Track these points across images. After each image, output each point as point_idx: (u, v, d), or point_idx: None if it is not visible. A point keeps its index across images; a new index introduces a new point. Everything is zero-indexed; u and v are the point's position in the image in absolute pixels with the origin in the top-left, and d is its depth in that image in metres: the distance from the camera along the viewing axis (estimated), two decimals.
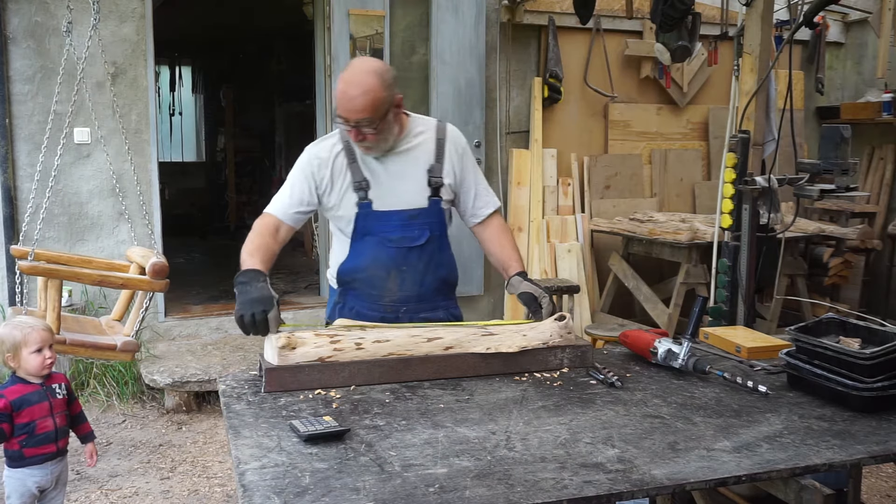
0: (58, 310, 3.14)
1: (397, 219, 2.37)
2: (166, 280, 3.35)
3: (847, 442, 1.73)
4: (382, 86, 2.23)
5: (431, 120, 2.51)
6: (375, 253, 2.39)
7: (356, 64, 2.30)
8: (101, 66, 4.60)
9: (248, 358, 4.81)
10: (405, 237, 2.38)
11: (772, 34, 3.91)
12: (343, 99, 2.22)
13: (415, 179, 2.40)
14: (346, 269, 2.44)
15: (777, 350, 2.25)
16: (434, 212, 2.42)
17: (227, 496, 3.60)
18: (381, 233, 2.38)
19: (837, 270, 5.65)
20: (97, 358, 3.75)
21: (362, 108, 2.20)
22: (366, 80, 2.21)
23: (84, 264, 3.57)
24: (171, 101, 11.92)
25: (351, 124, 2.24)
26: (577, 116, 6.11)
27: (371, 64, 2.28)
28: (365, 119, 2.21)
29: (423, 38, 5.60)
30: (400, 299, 2.41)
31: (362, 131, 2.25)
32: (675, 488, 1.53)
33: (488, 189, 2.56)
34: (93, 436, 2.92)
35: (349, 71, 2.26)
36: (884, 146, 6.49)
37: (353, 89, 2.20)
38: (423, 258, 2.41)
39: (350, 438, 1.71)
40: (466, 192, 2.49)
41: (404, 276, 2.40)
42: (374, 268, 2.39)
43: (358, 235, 2.40)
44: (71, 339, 3.15)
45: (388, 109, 2.26)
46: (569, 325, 2.24)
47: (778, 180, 3.45)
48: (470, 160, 2.50)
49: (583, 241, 5.89)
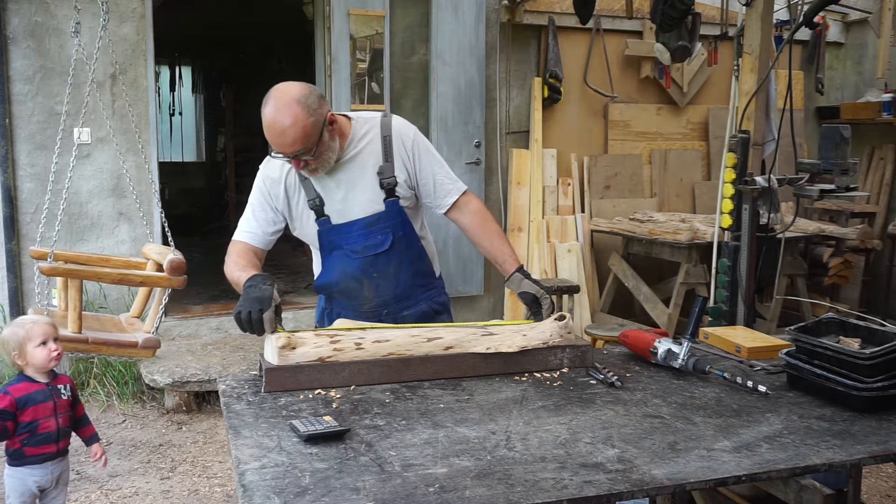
0: (79, 309, 3.15)
1: (357, 228, 2.35)
2: (184, 276, 3.35)
3: (847, 442, 1.73)
4: (308, 112, 2.15)
5: (375, 116, 2.41)
6: (343, 266, 2.38)
7: (276, 96, 2.19)
8: (101, 66, 4.60)
9: (248, 358, 4.80)
10: (368, 245, 2.36)
11: (772, 34, 3.92)
12: (273, 134, 2.16)
13: (366, 185, 2.35)
14: (321, 284, 2.46)
15: (777, 350, 2.25)
16: (393, 213, 2.37)
17: (227, 496, 3.60)
18: (345, 245, 2.36)
19: (837, 270, 5.65)
20: (119, 355, 3.77)
21: (293, 141, 2.15)
22: (290, 112, 2.14)
23: (102, 263, 3.58)
24: (171, 101, 11.93)
25: (289, 156, 2.20)
26: (577, 116, 6.11)
27: (291, 92, 2.18)
28: (301, 149, 2.17)
29: (423, 38, 5.61)
30: (378, 304, 2.41)
31: (301, 160, 2.21)
32: (675, 488, 1.53)
33: (450, 175, 2.45)
34: (97, 437, 2.93)
35: (270, 105, 2.17)
36: (884, 146, 6.49)
37: (279, 124, 2.14)
38: (392, 261, 2.39)
39: (350, 438, 1.71)
40: (425, 185, 2.41)
41: (377, 282, 2.39)
42: (346, 280, 2.39)
43: (325, 250, 2.40)
44: (93, 337, 3.16)
45: (321, 131, 2.20)
46: (569, 325, 2.24)
47: (778, 180, 3.45)
48: (422, 149, 2.41)
49: (583, 241, 5.89)
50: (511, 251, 2.44)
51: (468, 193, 2.47)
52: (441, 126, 5.56)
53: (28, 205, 4.82)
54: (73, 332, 3.11)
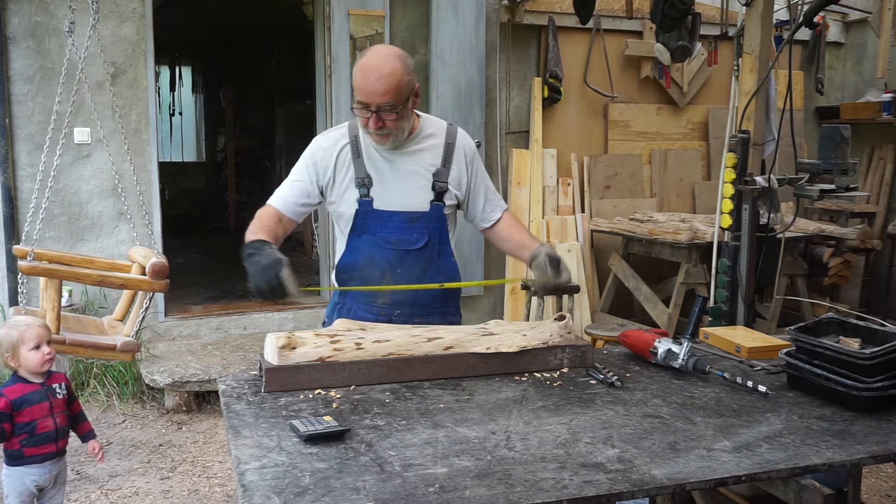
0: (57, 310, 3.14)
1: (397, 220, 2.34)
2: (166, 280, 3.34)
3: (847, 442, 1.73)
4: (405, 69, 2.18)
5: (442, 123, 2.46)
6: (371, 252, 2.35)
7: (376, 49, 2.25)
8: (101, 66, 4.60)
9: (248, 358, 4.80)
10: (402, 239, 2.34)
11: (772, 34, 3.92)
12: (365, 82, 2.15)
13: (419, 181, 2.35)
14: (343, 265, 2.41)
15: (777, 350, 2.24)
16: (436, 217, 2.37)
17: (227, 496, 3.60)
18: (378, 232, 2.34)
19: (837, 270, 5.65)
20: (97, 358, 3.75)
21: (386, 91, 2.14)
22: (389, 63, 2.16)
23: (86, 264, 3.57)
24: (171, 101, 11.94)
25: (372, 109, 2.17)
26: (577, 116, 6.11)
27: (392, 49, 2.24)
28: (388, 103, 2.16)
29: (423, 38, 5.60)
30: (393, 302, 2.37)
31: (382, 117, 2.19)
32: (675, 488, 1.53)
33: (496, 192, 2.54)
34: (94, 434, 2.92)
35: (370, 55, 2.20)
36: (884, 146, 6.50)
37: (376, 72, 2.14)
38: (420, 262, 2.37)
39: (350, 438, 1.70)
40: (475, 199, 2.46)
41: (399, 278, 2.35)
42: (369, 267, 2.36)
43: (356, 232, 2.36)
44: (71, 338, 3.15)
45: (409, 96, 2.21)
46: (569, 325, 2.24)
47: (778, 180, 3.45)
48: (479, 166, 2.48)
49: (583, 241, 5.89)
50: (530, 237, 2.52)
51: (508, 210, 2.55)
52: None
53: (28, 205, 4.81)
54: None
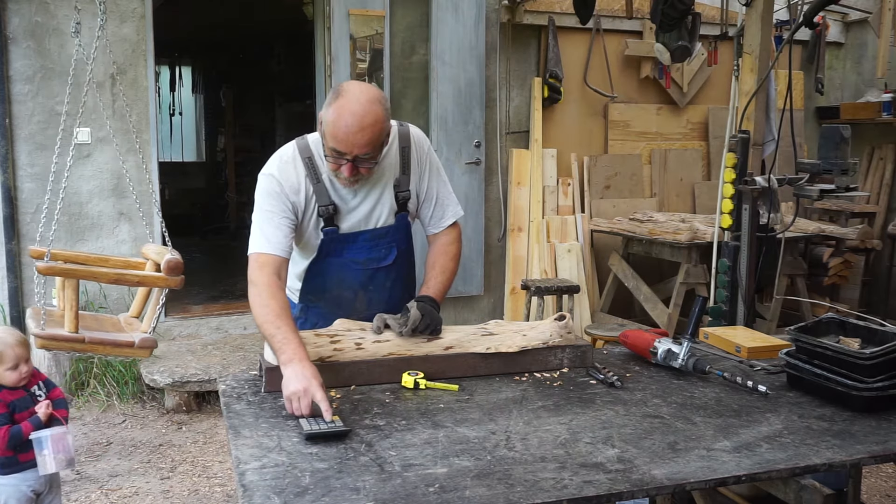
0: (75, 309, 3.15)
1: (363, 239, 2.23)
2: (181, 276, 3.34)
3: (847, 442, 1.74)
4: (385, 115, 2.04)
5: (393, 125, 2.22)
6: (341, 275, 2.26)
7: (354, 92, 2.03)
8: (101, 66, 4.60)
9: (248, 358, 4.80)
10: (371, 258, 2.26)
11: (772, 34, 3.92)
12: (345, 132, 1.97)
13: (384, 197, 2.23)
14: (311, 288, 2.30)
15: (777, 350, 2.25)
16: (401, 227, 2.28)
17: (227, 496, 3.60)
18: (346, 253, 2.23)
19: (837, 270, 5.65)
20: (116, 355, 3.77)
21: (368, 142, 2.00)
22: (371, 111, 1.99)
23: (100, 263, 3.58)
24: (171, 101, 11.92)
25: (348, 158, 2.02)
26: (577, 116, 6.11)
27: (370, 91, 2.06)
28: (367, 154, 2.02)
29: (423, 38, 5.60)
30: (366, 317, 2.24)
31: (359, 166, 2.05)
32: (675, 488, 1.53)
33: (450, 195, 2.35)
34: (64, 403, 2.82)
35: (349, 99, 2.00)
36: (884, 146, 6.49)
37: (359, 121, 1.97)
38: (391, 276, 2.31)
39: (350, 438, 1.71)
40: (428, 201, 2.31)
41: (371, 295, 2.29)
42: (340, 289, 2.27)
43: (320, 256, 2.24)
44: (90, 337, 3.16)
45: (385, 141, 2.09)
46: (569, 325, 2.24)
47: (778, 180, 3.45)
48: (432, 164, 2.30)
49: (583, 241, 5.89)
50: (441, 280, 2.29)
51: (457, 227, 2.39)
52: (441, 126, 5.56)
53: (28, 205, 4.82)
54: (70, 331, 3.11)
